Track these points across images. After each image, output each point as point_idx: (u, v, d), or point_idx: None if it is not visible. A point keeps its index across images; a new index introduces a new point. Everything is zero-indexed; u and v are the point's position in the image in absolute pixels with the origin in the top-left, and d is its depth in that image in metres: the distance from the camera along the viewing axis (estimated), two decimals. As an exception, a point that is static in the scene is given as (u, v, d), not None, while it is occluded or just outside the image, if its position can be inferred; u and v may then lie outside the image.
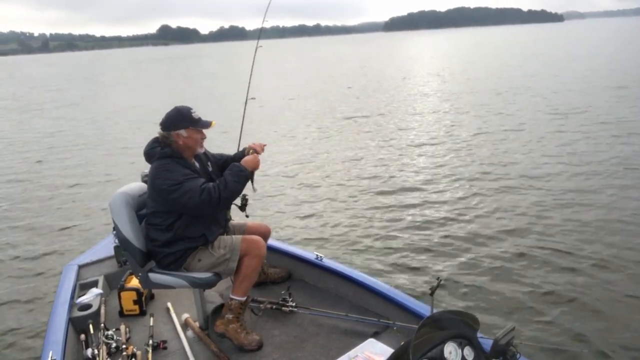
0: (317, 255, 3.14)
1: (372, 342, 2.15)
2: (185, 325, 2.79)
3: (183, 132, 2.48)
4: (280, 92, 18.99)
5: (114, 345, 2.49)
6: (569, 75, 18.49)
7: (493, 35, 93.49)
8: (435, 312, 1.72)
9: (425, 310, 2.45)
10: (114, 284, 3.13)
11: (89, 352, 2.43)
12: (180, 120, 2.47)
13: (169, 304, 3.01)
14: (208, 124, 2.53)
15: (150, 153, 2.51)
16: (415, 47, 64.82)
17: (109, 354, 2.44)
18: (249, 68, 3.44)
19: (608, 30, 75.23)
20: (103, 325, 2.63)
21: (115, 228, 2.55)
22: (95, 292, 2.96)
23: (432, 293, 2.02)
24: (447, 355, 1.44)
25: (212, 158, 2.77)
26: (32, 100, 22.37)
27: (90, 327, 2.63)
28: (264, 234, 2.83)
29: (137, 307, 2.92)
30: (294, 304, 2.85)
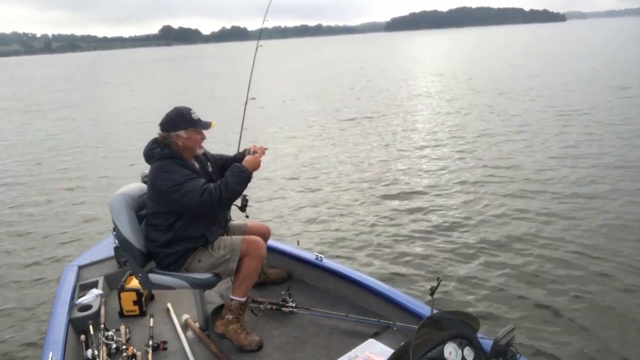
0: (317, 256, 3.13)
1: (372, 342, 2.15)
2: (185, 326, 2.79)
3: (183, 133, 2.47)
4: (282, 92, 18.99)
5: (114, 346, 2.50)
6: (572, 75, 18.45)
7: (495, 35, 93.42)
8: (436, 312, 1.72)
9: (425, 311, 2.45)
10: (114, 285, 3.13)
11: (89, 352, 2.44)
12: (180, 121, 2.47)
13: (169, 305, 3.00)
14: (207, 125, 2.53)
15: (150, 154, 2.51)
16: (417, 47, 64.82)
17: (109, 355, 2.44)
18: (250, 68, 3.44)
19: (610, 30, 75.05)
20: (103, 326, 2.63)
21: (115, 229, 2.55)
22: (95, 292, 2.96)
23: (432, 293, 2.02)
24: (447, 356, 1.44)
25: (211, 159, 2.76)
26: (33, 102, 22.42)
27: (90, 327, 2.64)
28: (264, 235, 2.83)
29: (137, 307, 2.92)
30: (294, 305, 2.84)
